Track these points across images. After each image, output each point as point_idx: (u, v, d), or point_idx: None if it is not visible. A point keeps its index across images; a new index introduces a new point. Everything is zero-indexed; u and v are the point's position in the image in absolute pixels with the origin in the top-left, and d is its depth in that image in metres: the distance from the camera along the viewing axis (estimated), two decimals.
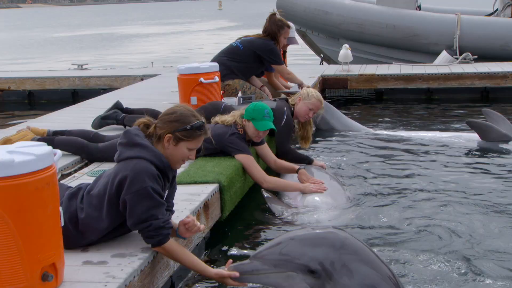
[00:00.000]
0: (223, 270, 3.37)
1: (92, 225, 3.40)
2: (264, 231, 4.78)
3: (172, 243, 3.35)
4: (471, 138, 7.12)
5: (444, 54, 12.16)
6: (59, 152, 2.93)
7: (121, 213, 3.38)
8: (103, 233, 3.45)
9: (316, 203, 5.06)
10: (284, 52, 8.56)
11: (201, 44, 31.03)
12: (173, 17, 78.07)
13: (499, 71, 10.29)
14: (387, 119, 8.93)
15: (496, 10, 14.72)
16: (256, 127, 5.21)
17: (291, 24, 7.84)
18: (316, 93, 6.36)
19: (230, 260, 3.44)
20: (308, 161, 5.94)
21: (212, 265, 4.23)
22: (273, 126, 5.31)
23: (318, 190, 5.22)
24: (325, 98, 8.45)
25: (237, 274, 3.30)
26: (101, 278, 3.07)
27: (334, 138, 7.50)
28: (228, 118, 5.32)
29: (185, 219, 3.53)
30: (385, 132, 7.85)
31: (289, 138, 6.14)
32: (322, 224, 4.72)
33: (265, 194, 5.18)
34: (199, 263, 3.46)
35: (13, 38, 43.26)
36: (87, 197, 3.45)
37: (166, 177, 3.48)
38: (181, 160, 3.53)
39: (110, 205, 3.37)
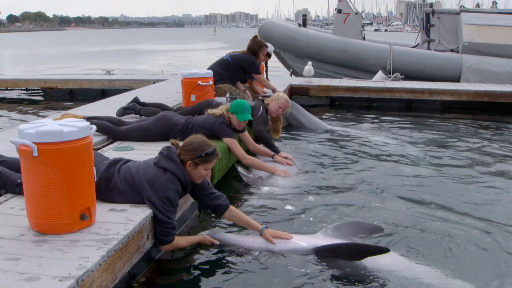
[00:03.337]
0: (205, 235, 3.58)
1: (118, 190, 3.43)
2: (240, 193, 4.86)
3: (176, 240, 3.42)
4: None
5: (380, 73, 12.30)
6: (94, 127, 2.98)
7: (134, 196, 3.39)
8: (122, 201, 3.43)
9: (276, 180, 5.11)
10: (266, 65, 8.64)
11: (199, 58, 31.11)
12: (179, 39, 77.69)
13: (419, 87, 10.46)
14: (338, 118, 9.08)
15: (418, 44, 15.16)
16: (238, 119, 5.21)
17: (269, 44, 7.91)
18: (284, 95, 6.41)
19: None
20: (274, 149, 5.74)
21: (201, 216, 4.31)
22: (251, 118, 5.31)
23: (285, 176, 5.16)
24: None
25: (214, 241, 3.55)
26: (122, 220, 3.16)
27: (300, 134, 7.45)
28: (217, 111, 5.30)
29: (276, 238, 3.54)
30: (337, 128, 7.94)
31: (263, 125, 6.05)
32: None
33: (238, 167, 5.21)
34: (190, 240, 3.55)
35: (61, 51, 42.79)
36: (124, 168, 3.49)
37: (184, 190, 3.51)
38: (200, 177, 3.52)
39: (130, 188, 3.40)
